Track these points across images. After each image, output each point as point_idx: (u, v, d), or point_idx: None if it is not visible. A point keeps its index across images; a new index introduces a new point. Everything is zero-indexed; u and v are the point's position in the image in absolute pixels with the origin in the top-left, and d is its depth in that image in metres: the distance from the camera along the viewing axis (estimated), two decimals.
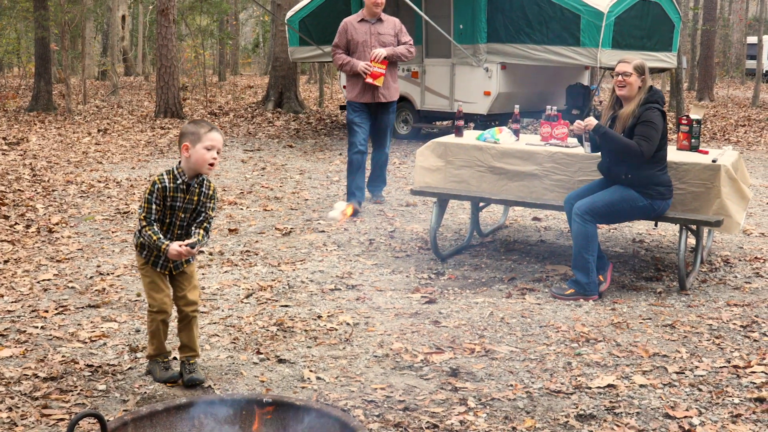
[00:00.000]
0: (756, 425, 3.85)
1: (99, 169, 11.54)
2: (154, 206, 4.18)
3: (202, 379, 4.31)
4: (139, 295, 5.76)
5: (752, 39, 41.49)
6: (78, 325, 5.17)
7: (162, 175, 4.21)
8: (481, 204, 7.43)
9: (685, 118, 6.57)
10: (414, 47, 8.79)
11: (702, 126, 6.54)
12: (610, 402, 4.07)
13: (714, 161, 6.00)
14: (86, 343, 4.86)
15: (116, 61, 32.58)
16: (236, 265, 6.63)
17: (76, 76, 31.10)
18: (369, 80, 8.42)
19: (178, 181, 4.22)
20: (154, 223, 4.19)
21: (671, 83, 22.00)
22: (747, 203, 6.32)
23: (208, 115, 19.74)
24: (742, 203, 6.20)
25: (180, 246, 4.14)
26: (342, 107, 17.29)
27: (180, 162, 4.24)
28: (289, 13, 17.17)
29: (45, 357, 4.61)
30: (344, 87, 16.23)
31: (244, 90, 29.79)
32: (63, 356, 4.62)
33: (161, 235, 4.18)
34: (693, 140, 6.52)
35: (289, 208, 8.88)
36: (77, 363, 4.53)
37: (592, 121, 5.81)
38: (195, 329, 4.39)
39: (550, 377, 4.38)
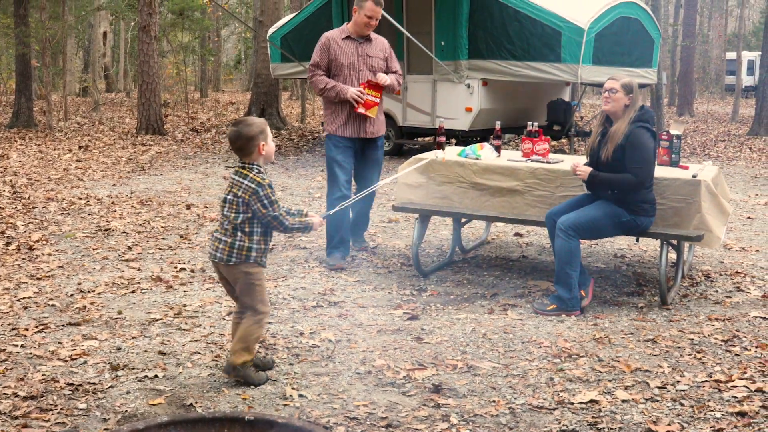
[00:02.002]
0: None
1: (80, 186, 11.50)
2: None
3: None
4: (120, 312, 5.74)
5: (731, 55, 41.88)
6: (58, 343, 5.13)
7: (262, 176, 4.40)
8: (463, 220, 7.44)
9: (665, 133, 6.61)
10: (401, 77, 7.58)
11: (682, 141, 6.58)
12: (593, 417, 4.07)
13: (694, 176, 6.03)
14: (67, 361, 4.82)
15: (97, 78, 32.52)
16: (218, 282, 6.60)
17: (57, 92, 30.99)
18: (360, 110, 7.05)
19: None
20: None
21: (651, 99, 22.13)
22: (727, 218, 6.35)
23: (190, 132, 19.71)
24: (723, 218, 6.23)
25: (321, 218, 4.70)
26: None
27: (255, 163, 4.43)
28: (271, 30, 17.21)
29: (25, 376, 4.57)
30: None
31: (226, 106, 29.78)
32: (43, 375, 4.59)
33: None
34: (673, 155, 6.55)
35: None
36: (57, 381, 4.49)
37: (586, 170, 5.83)
38: None
39: (532, 393, 4.38)
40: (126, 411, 4.15)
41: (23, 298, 6.10)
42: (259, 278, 4.50)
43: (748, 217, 9.40)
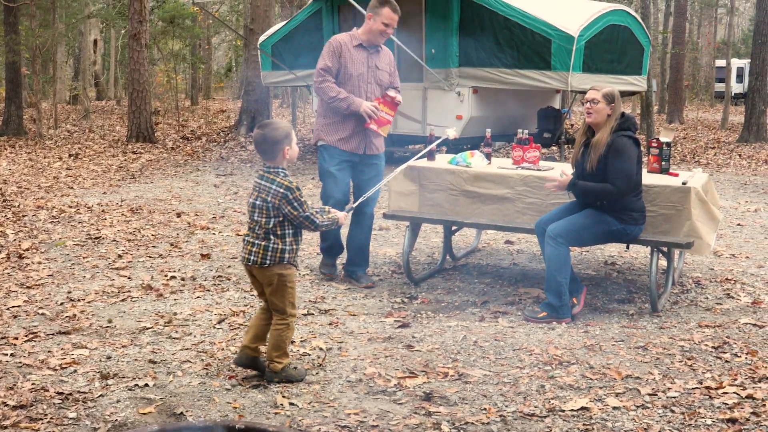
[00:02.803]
0: None
1: (70, 194, 11.47)
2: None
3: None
4: (110, 321, 5.72)
5: (721, 62, 42.08)
6: (48, 352, 5.11)
7: (289, 179, 4.51)
8: (454, 228, 7.44)
9: (655, 140, 6.63)
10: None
11: (672, 148, 6.60)
12: (584, 425, 4.08)
13: (684, 183, 6.05)
14: (56, 370, 4.81)
15: (88, 86, 32.49)
16: (208, 290, 6.59)
17: (48, 100, 30.92)
18: (372, 127, 6.54)
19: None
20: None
21: (641, 106, 22.19)
22: (717, 225, 6.37)
23: (181, 140, 19.69)
24: (713, 225, 6.25)
25: (345, 212, 4.98)
26: None
27: (280, 167, 4.55)
28: (262, 38, 17.21)
29: (14, 385, 4.56)
30: (317, 111, 16.32)
31: (216, 114, 29.75)
32: (33, 384, 4.57)
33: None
34: (663, 163, 6.57)
35: None
36: (47, 390, 4.48)
37: (565, 179, 5.84)
38: None
39: (523, 400, 4.38)
40: (116, 420, 4.14)
41: (13, 306, 6.08)
42: (291, 280, 4.59)
43: (738, 224, 9.43)
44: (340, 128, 6.61)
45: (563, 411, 4.24)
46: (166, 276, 6.99)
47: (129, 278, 6.94)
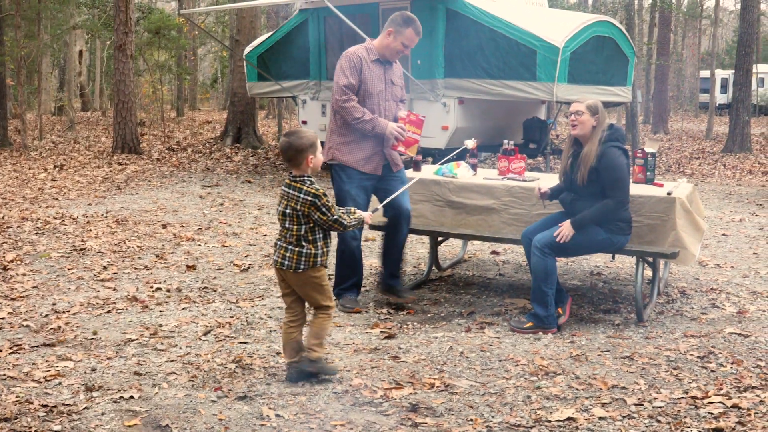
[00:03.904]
0: None
1: (55, 205, 11.43)
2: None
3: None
4: (95, 333, 5.70)
5: (705, 73, 42.34)
6: (33, 364, 5.09)
7: (316, 186, 4.63)
8: (440, 238, 7.44)
9: (640, 151, 6.65)
10: None
11: (657, 159, 6.62)
12: None
13: (669, 194, 6.07)
14: (41, 382, 4.78)
15: (73, 97, 32.40)
16: (194, 301, 6.57)
17: (32, 111, 30.87)
18: (401, 149, 6.24)
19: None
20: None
21: (626, 117, 22.28)
22: (702, 235, 6.39)
23: (166, 151, 19.65)
24: (697, 235, 6.27)
25: (369, 212, 5.17)
26: None
27: (305, 175, 4.67)
28: (248, 49, 17.22)
29: None
30: (303, 122, 16.35)
31: (202, 125, 29.72)
32: (17, 396, 4.54)
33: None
34: (648, 173, 6.59)
35: (248, 243, 8.84)
36: (32, 403, 4.45)
37: (568, 230, 5.74)
38: None
39: (509, 411, 4.38)
40: None
41: None
42: (324, 278, 4.79)
43: (723, 234, 9.47)
44: (357, 148, 6.25)
45: (549, 421, 4.23)
46: (151, 287, 6.96)
47: (114, 290, 6.91)
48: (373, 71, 6.24)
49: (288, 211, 4.67)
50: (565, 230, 5.74)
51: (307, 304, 4.91)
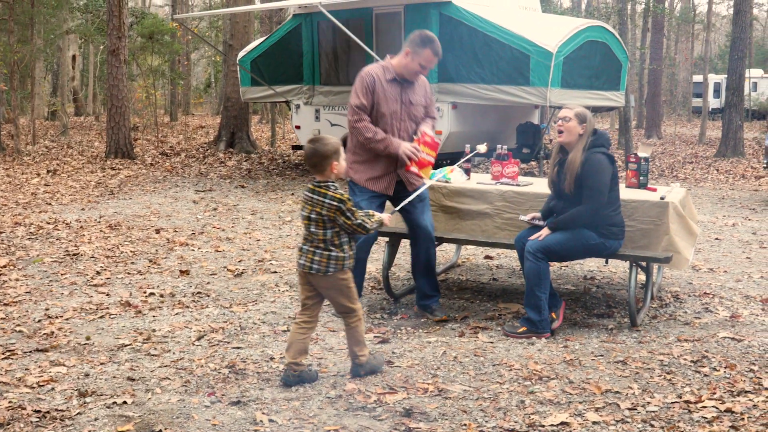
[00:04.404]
0: None
1: (48, 210, 11.41)
2: None
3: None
4: (88, 338, 5.68)
5: (698, 78, 42.40)
6: (25, 369, 5.07)
7: (340, 192, 4.76)
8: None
9: (633, 155, 6.66)
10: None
11: (650, 163, 6.63)
12: None
13: (662, 198, 6.08)
14: (34, 388, 4.77)
15: (66, 101, 32.34)
16: (187, 307, 6.57)
17: (26, 116, 30.81)
18: (413, 169, 6.10)
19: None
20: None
21: (620, 122, 22.31)
22: (695, 239, 6.40)
23: (160, 156, 19.64)
24: (691, 239, 6.28)
25: (389, 214, 5.30)
26: (295, 147, 17.30)
27: (329, 181, 4.78)
28: (241, 54, 17.22)
29: None
30: (297, 127, 16.35)
31: (195, 130, 29.71)
32: (10, 402, 4.53)
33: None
34: (641, 178, 6.60)
35: (241, 248, 8.83)
36: (24, 409, 4.44)
37: (545, 230, 5.85)
38: None
39: (503, 416, 4.38)
40: None
41: None
42: (350, 281, 4.92)
43: (716, 239, 9.48)
44: (369, 168, 6.19)
45: (543, 426, 4.24)
46: (144, 293, 6.95)
47: (107, 295, 6.90)
48: (388, 91, 6.10)
49: (313, 216, 4.78)
50: (543, 233, 5.84)
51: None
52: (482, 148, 6.63)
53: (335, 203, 4.72)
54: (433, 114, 6.42)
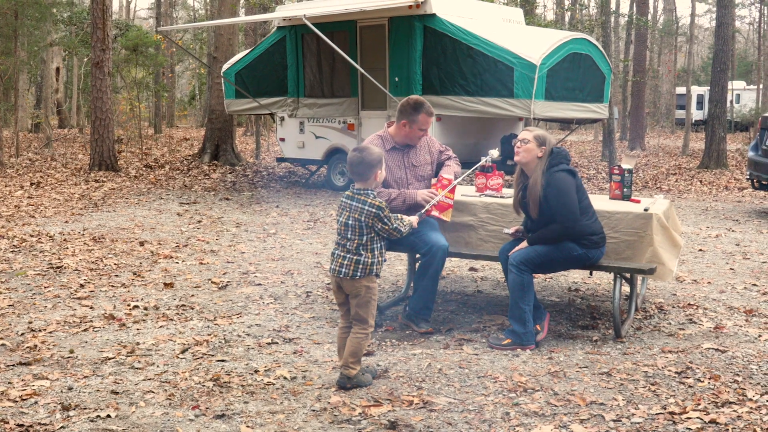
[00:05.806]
0: None
1: (31, 222, 11.36)
2: None
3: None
4: (72, 351, 5.66)
5: (681, 90, 42.65)
6: (8, 383, 5.04)
7: (379, 199, 5.00)
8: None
9: (616, 167, 6.68)
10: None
11: (634, 175, 6.66)
12: None
13: (646, 210, 6.10)
14: (17, 401, 4.74)
15: (50, 114, 32.28)
16: (171, 319, 6.54)
17: (9, 128, 30.68)
18: (434, 213, 6.25)
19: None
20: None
21: (603, 133, 22.39)
22: (679, 251, 6.42)
23: (144, 168, 19.59)
24: (675, 251, 6.30)
25: (417, 216, 5.65)
26: (280, 159, 17.30)
27: (369, 189, 5.03)
28: (225, 66, 17.24)
29: None
30: (281, 139, 16.35)
31: (180, 142, 29.65)
32: None
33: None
34: (625, 189, 6.63)
35: (226, 261, 8.81)
36: (7, 423, 4.41)
37: (524, 244, 5.90)
38: None
39: (488, 428, 4.37)
40: None
41: None
42: (375, 292, 5.07)
43: (700, 250, 9.52)
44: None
45: None
46: (128, 305, 6.93)
47: (91, 308, 6.87)
48: (389, 161, 6.31)
49: (351, 222, 4.98)
50: (521, 246, 5.90)
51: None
52: (495, 153, 6.67)
53: (374, 210, 4.95)
54: (449, 154, 6.69)
